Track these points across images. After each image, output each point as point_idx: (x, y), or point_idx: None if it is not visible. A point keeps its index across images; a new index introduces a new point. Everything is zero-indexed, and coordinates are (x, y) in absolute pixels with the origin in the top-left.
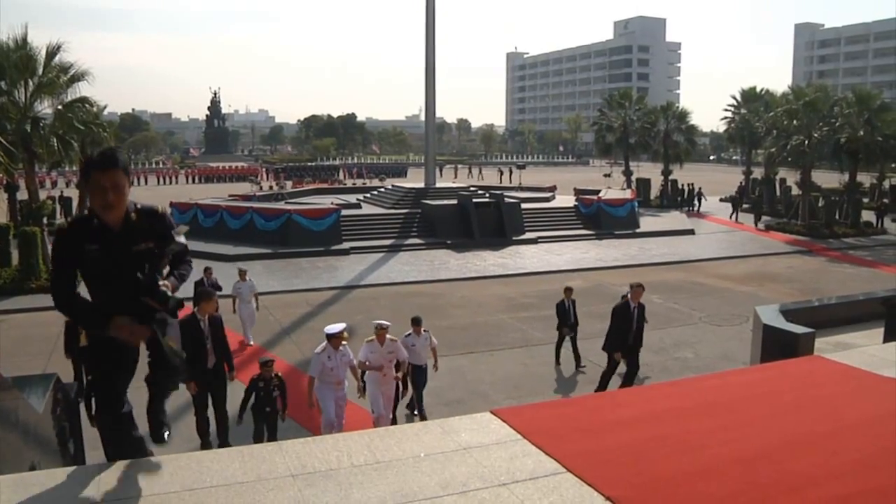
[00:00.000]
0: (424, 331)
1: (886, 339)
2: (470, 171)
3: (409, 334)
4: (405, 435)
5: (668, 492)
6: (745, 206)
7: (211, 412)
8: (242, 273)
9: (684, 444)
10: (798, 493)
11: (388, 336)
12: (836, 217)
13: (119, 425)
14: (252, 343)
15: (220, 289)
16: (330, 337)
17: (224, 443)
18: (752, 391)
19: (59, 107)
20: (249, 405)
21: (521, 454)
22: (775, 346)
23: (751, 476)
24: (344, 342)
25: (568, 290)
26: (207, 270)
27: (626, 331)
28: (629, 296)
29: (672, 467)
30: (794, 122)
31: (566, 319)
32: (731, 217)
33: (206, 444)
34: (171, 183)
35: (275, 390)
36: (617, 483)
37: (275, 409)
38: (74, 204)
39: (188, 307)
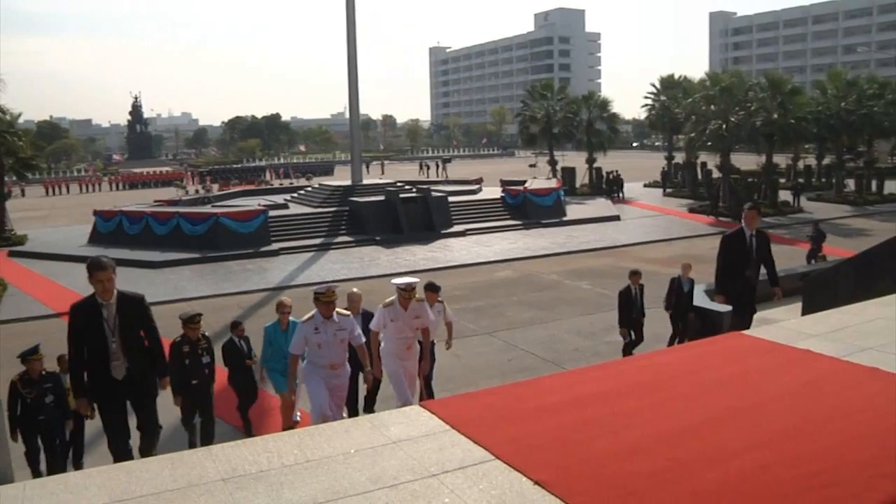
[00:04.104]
0: (439, 301)
1: (804, 312)
2: (422, 168)
3: (420, 301)
4: (335, 432)
5: (594, 472)
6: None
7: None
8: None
9: (609, 425)
10: (720, 465)
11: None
12: (756, 197)
13: None
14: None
15: (250, 353)
16: (316, 297)
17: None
18: (676, 370)
19: None
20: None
21: (450, 444)
22: (702, 325)
23: (674, 452)
24: (344, 311)
25: (635, 275)
26: (238, 327)
27: (741, 266)
28: (743, 222)
29: (597, 448)
30: (712, 107)
31: (631, 312)
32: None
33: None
34: (94, 191)
35: (204, 355)
36: (544, 467)
37: (204, 382)
38: None
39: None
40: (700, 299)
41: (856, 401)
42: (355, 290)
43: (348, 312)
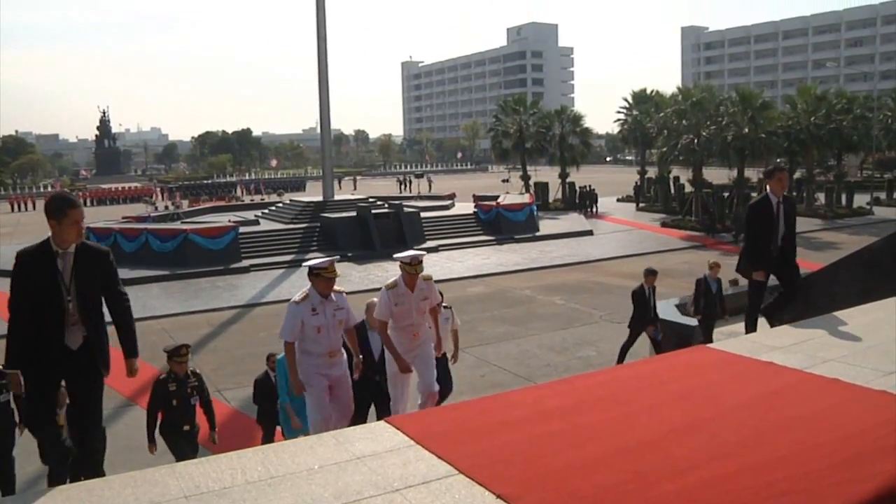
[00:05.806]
0: (445, 307)
1: (772, 325)
2: (402, 183)
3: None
4: (299, 448)
5: (557, 485)
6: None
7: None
8: None
9: (573, 438)
10: (681, 476)
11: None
12: (727, 212)
13: None
14: None
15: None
16: (315, 273)
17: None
18: (640, 383)
19: None
20: (158, 425)
21: (414, 460)
22: (672, 339)
23: (636, 464)
24: (338, 288)
25: (651, 275)
26: (271, 358)
27: (768, 234)
28: (767, 189)
29: (561, 462)
30: (684, 121)
31: (646, 312)
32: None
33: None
34: None
35: (193, 395)
36: (507, 481)
37: (194, 428)
38: None
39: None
40: (671, 313)
41: (815, 411)
42: None
43: (342, 289)
